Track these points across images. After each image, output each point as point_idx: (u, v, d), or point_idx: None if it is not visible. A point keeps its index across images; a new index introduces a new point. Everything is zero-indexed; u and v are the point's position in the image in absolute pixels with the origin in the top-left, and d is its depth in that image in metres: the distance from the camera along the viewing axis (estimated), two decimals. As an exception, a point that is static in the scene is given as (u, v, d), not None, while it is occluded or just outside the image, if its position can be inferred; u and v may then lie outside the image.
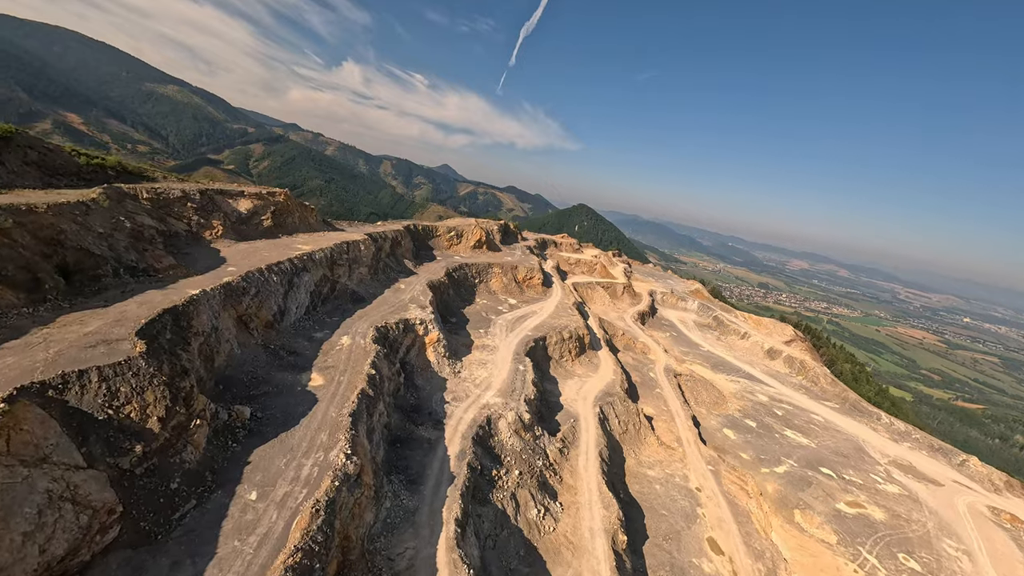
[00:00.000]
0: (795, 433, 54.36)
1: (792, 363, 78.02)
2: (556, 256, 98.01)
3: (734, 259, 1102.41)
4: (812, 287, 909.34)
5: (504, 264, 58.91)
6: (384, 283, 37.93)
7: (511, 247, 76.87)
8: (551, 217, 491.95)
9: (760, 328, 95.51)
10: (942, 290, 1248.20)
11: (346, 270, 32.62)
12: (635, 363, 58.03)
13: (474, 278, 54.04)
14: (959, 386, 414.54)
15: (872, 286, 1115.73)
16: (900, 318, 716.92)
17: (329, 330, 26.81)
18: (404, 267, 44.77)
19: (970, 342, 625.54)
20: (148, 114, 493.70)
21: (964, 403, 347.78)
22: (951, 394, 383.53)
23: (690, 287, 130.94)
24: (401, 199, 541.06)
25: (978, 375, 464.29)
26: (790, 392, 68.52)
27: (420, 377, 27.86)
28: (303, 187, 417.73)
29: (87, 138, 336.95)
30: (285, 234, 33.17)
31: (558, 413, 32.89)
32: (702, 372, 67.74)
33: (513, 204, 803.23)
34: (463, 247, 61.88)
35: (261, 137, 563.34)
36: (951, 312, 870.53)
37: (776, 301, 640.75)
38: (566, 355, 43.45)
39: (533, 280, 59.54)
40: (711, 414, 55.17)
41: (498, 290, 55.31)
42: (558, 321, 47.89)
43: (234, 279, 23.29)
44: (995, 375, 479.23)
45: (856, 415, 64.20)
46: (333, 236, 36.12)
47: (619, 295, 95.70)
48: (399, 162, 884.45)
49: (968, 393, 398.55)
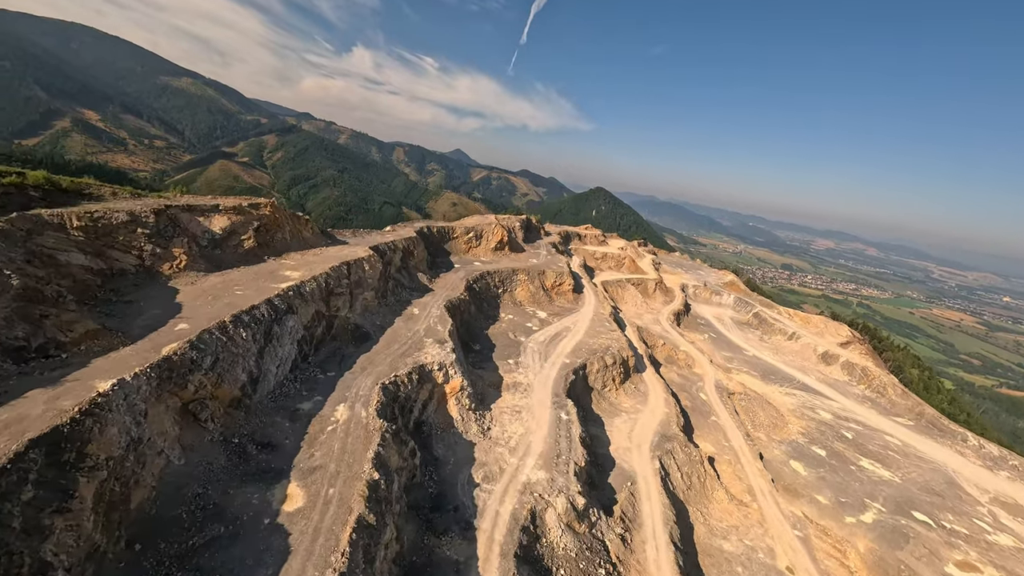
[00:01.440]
0: (873, 463, 46.78)
1: (852, 370, 69.44)
2: (581, 251, 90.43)
3: (755, 239, 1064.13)
4: (839, 267, 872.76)
5: (530, 269, 52.05)
6: (394, 308, 31.75)
7: (534, 245, 69.75)
8: (567, 202, 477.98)
9: (809, 326, 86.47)
10: (979, 267, 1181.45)
11: (346, 299, 26.41)
12: (681, 380, 50.95)
13: (497, 288, 47.48)
14: (1002, 371, 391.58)
15: (903, 265, 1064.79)
16: (935, 298, 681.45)
17: (321, 395, 20.44)
18: (417, 282, 38.52)
19: (1011, 323, 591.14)
20: (163, 108, 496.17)
21: (1009, 391, 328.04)
22: (994, 380, 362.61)
23: (723, 279, 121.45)
24: (415, 187, 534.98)
25: (1022, 359, 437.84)
26: (855, 407, 60.46)
27: (440, 444, 21.84)
28: (316, 177, 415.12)
29: (105, 134, 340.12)
30: (272, 255, 27.11)
31: (610, 472, 26.48)
32: (752, 384, 60.35)
33: (527, 188, 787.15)
34: (483, 249, 55.19)
35: (274, 128, 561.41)
36: (989, 291, 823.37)
37: (801, 283, 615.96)
38: (609, 384, 36.81)
39: (563, 287, 52.62)
40: (772, 440, 48.02)
41: (525, 301, 48.67)
42: (597, 341, 41.10)
43: (180, 347, 16.20)
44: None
45: (936, 435, 55.90)
46: (332, 254, 29.91)
47: (651, 292, 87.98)
48: (412, 149, 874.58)
49: (1012, 379, 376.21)
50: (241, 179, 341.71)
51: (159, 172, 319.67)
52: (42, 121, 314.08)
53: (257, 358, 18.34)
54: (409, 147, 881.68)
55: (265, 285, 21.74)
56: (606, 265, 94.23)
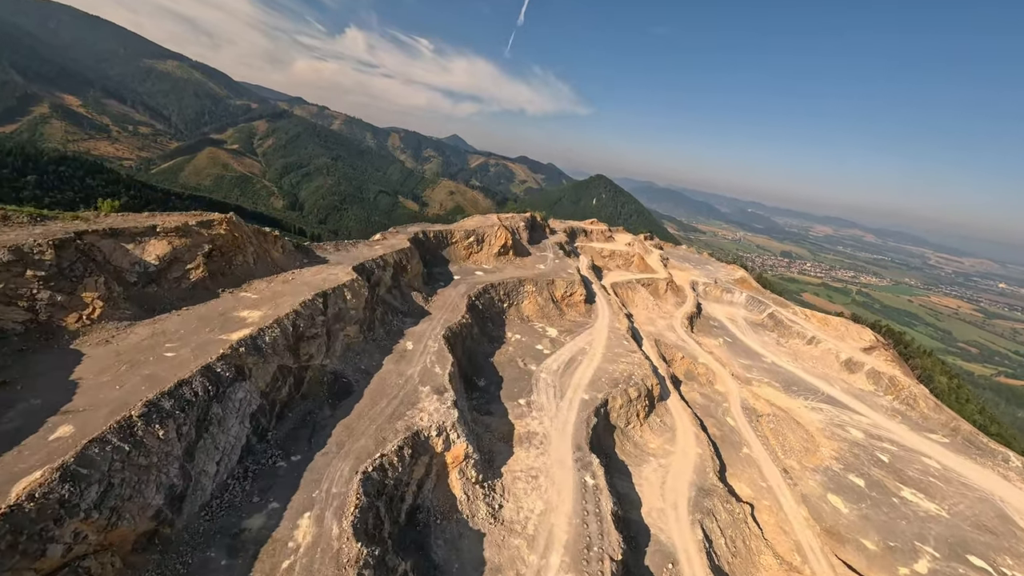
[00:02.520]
0: (916, 493, 42.60)
1: (879, 379, 65.14)
2: (588, 249, 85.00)
3: (754, 226, 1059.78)
4: (838, 254, 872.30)
5: (537, 278, 46.74)
6: (383, 344, 26.39)
7: (540, 246, 64.23)
8: (567, 190, 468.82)
9: (827, 329, 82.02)
10: (975, 253, 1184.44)
11: (322, 342, 21.00)
12: (704, 401, 46.32)
13: (502, 302, 42.22)
14: (999, 359, 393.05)
15: (901, 251, 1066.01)
16: (932, 285, 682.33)
17: (279, 498, 14.45)
18: (412, 304, 33.20)
19: (1008, 310, 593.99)
20: (148, 93, 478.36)
21: (1008, 379, 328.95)
22: (992, 369, 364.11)
23: (733, 274, 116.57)
24: (411, 174, 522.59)
25: (1019, 347, 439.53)
26: (885, 422, 56.23)
27: (439, 540, 16.91)
28: (309, 166, 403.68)
29: (86, 120, 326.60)
30: (229, 286, 21.53)
31: (646, 549, 21.81)
32: (775, 397, 55.95)
33: (526, 175, 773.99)
34: (485, 255, 49.73)
35: (265, 113, 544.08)
36: (985, 277, 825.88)
37: (801, 271, 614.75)
38: (634, 420, 32.01)
39: (574, 297, 47.43)
40: (805, 469, 43.65)
41: (533, 315, 43.49)
42: (617, 366, 36.13)
43: (43, 480, 9.71)
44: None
45: (975, 454, 51.84)
46: (306, 279, 24.30)
47: (662, 293, 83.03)
48: (407, 134, 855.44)
49: (1010, 368, 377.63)
50: (231, 167, 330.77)
51: (145, 160, 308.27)
52: (19, 107, 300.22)
53: (184, 461, 12.73)
54: (405, 133, 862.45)
55: (209, 337, 16.30)
56: (614, 264, 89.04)
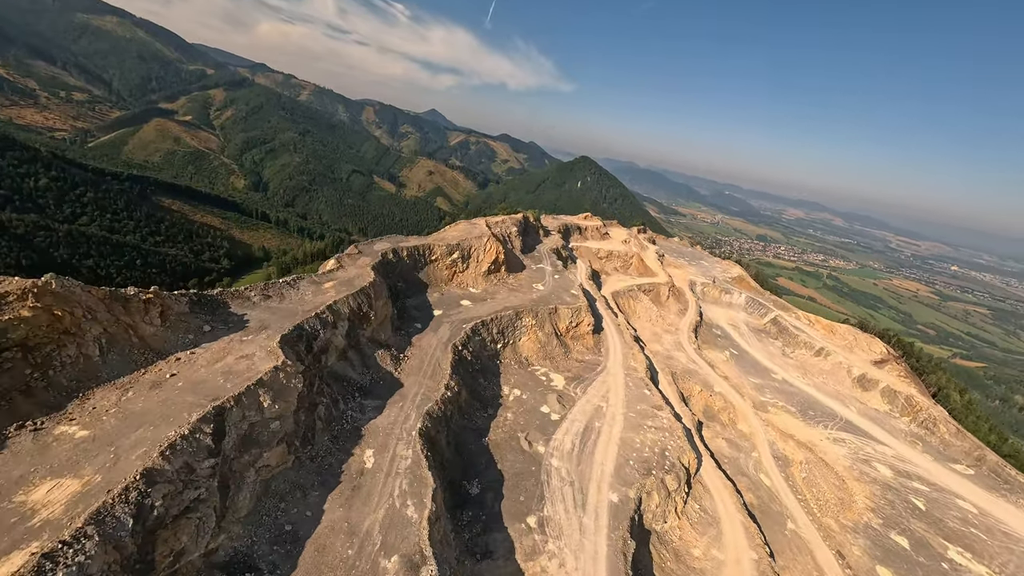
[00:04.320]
0: (963, 553, 37.79)
1: (894, 399, 60.74)
2: (584, 251, 76.68)
3: (731, 209, 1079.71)
4: (809, 237, 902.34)
5: (537, 305, 38.15)
6: (326, 465, 17.34)
7: (534, 255, 55.29)
8: (551, 172, 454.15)
9: (834, 337, 77.57)
10: (930, 237, 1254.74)
11: (207, 515, 11.84)
12: (731, 451, 39.90)
13: (495, 343, 33.53)
14: (954, 340, 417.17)
15: (865, 235, 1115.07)
16: (893, 268, 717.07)
17: None
18: (375, 371, 24.04)
19: (960, 292, 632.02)
20: (84, 53, 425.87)
21: (963, 361, 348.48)
22: (948, 350, 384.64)
23: (730, 272, 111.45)
24: (387, 152, 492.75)
25: (970, 328, 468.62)
26: (907, 451, 51.76)
27: None
28: (274, 141, 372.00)
29: (7, 84, 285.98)
30: (45, 409, 12.10)
31: None
32: (794, 427, 50.53)
33: (508, 155, 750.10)
34: (472, 275, 40.49)
35: (223, 80, 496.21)
36: (940, 260, 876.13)
37: (776, 255, 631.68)
38: (671, 517, 24.65)
39: (581, 328, 39.21)
40: (844, 529, 38.04)
41: (533, 356, 35.07)
42: (645, 436, 28.46)
43: None
44: (986, 327, 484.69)
45: (1004, 489, 47.97)
46: (196, 376, 14.43)
47: (664, 301, 76.22)
48: (383, 108, 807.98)
49: (963, 348, 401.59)
50: (183, 141, 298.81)
51: (81, 132, 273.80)
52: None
53: None
54: (380, 106, 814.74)
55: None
56: (612, 266, 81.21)
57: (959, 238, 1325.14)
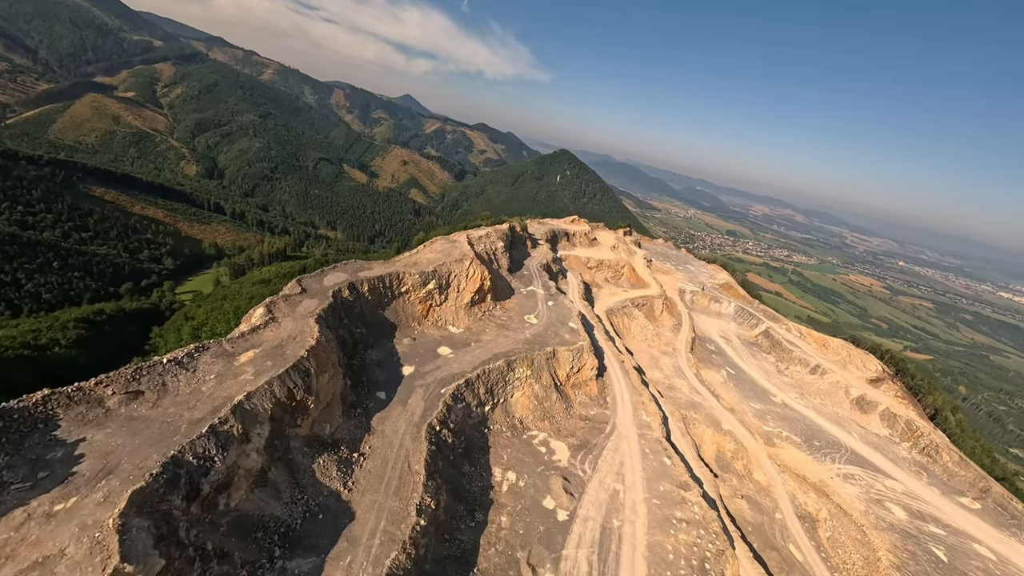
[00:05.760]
0: (998, 618, 34.08)
1: (894, 423, 58.37)
2: (573, 260, 70.40)
3: (703, 204, 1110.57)
4: (774, 233, 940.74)
5: (532, 348, 31.35)
6: None
7: (523, 273, 48.20)
8: (530, 165, 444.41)
9: (827, 352, 75.26)
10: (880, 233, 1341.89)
11: None
12: (753, 514, 35.05)
13: (483, 405, 26.48)
14: (904, 333, 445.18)
15: (824, 231, 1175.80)
16: (849, 263, 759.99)
17: None
18: (313, 494, 16.22)
19: (907, 287, 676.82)
20: (4, 16, 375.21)
21: (912, 353, 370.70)
22: (900, 343, 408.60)
23: (716, 277, 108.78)
24: (358, 140, 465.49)
25: (917, 321, 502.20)
26: (915, 485, 49.07)
27: None
28: (231, 123, 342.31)
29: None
30: None
31: None
32: (803, 464, 46.79)
33: (485, 145, 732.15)
34: (452, 308, 33.01)
35: (172, 54, 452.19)
36: (888, 256, 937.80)
37: (745, 251, 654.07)
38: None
39: (583, 372, 32.75)
40: (876, 598, 33.65)
41: (529, 417, 28.29)
42: (677, 538, 22.30)
43: None
44: (930, 320, 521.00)
45: (1013, 527, 45.77)
46: None
47: (658, 316, 71.36)
48: (354, 92, 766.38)
49: (913, 341, 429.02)
50: (124, 121, 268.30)
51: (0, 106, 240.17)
52: None
53: None
54: (351, 89, 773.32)
55: None
56: (602, 276, 75.41)
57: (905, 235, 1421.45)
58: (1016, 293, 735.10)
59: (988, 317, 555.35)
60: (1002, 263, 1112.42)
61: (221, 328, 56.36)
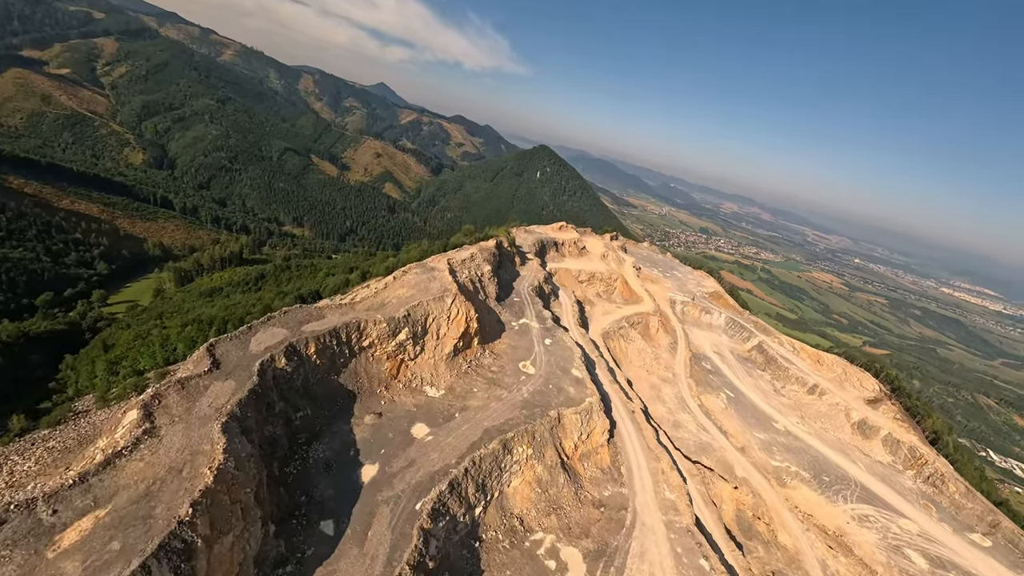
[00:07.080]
0: None
1: (897, 449, 55.96)
2: (563, 274, 64.42)
3: (676, 201, 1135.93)
4: (743, 231, 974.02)
5: (531, 416, 24.82)
6: None
7: (513, 301, 41.44)
8: (510, 160, 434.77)
9: (822, 369, 72.91)
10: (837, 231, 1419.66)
11: None
12: None
13: (473, 508, 19.93)
14: (862, 329, 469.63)
15: (788, 229, 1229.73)
16: (811, 260, 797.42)
17: None
18: None
19: (863, 283, 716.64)
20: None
21: (871, 348, 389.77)
22: (860, 338, 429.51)
23: (705, 286, 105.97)
24: (328, 129, 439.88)
25: (873, 316, 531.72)
26: (928, 524, 46.45)
27: None
28: (184, 108, 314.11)
29: None
30: None
31: None
32: (820, 510, 43.18)
33: (463, 138, 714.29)
34: (429, 363, 25.89)
35: (116, 28, 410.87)
36: (845, 253, 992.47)
37: (717, 248, 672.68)
38: None
39: (592, 439, 26.62)
40: None
41: (530, 514, 21.90)
42: None
43: None
44: (884, 315, 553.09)
45: None
46: None
47: (654, 334, 66.56)
48: (324, 77, 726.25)
49: (870, 336, 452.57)
50: (56, 101, 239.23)
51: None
52: None
53: None
54: (320, 75, 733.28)
55: None
56: (594, 291, 69.77)
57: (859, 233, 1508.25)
58: (956, 289, 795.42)
59: (934, 312, 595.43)
60: (945, 260, 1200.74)
61: (144, 363, 45.94)
